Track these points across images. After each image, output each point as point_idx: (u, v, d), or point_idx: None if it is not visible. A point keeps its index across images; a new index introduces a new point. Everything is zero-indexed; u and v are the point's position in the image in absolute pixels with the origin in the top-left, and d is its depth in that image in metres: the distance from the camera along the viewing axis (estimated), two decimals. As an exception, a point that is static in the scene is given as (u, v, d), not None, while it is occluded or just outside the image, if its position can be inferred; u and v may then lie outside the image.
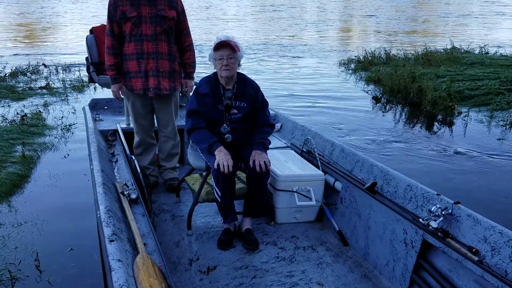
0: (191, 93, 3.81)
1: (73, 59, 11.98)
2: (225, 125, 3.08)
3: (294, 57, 13.35)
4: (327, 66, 11.87)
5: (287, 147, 4.05)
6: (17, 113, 6.83)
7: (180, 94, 3.91)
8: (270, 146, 3.22)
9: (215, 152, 2.91)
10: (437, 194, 2.52)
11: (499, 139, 6.07)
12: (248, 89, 3.13)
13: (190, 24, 3.73)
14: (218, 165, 2.84)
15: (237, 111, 3.09)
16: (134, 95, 3.60)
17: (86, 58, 4.48)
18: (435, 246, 2.39)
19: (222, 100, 3.08)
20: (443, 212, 2.37)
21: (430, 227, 2.37)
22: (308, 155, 3.70)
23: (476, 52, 11.82)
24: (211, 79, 3.12)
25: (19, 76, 9.88)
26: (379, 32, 19.54)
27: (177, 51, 3.61)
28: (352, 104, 7.99)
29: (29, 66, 10.56)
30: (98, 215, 2.38)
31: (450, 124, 6.77)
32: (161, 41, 3.46)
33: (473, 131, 6.44)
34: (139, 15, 3.38)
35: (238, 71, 3.13)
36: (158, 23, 3.41)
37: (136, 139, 3.84)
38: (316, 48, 14.93)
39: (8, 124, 6.27)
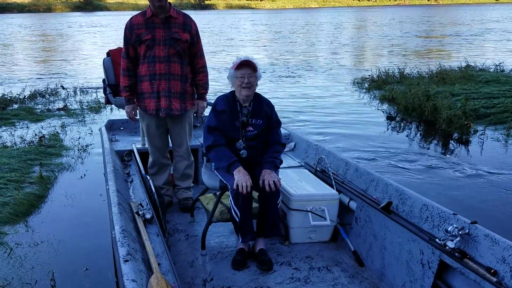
0: (203, 114, 3.86)
1: (90, 81, 12.22)
2: (240, 141, 3.10)
3: (308, 76, 13.42)
4: (341, 85, 11.89)
5: (301, 166, 4.05)
6: (35, 134, 6.96)
7: (194, 115, 3.96)
8: (284, 165, 3.22)
9: (234, 172, 2.92)
10: (454, 214, 2.48)
11: (517, 158, 5.98)
12: (264, 107, 3.17)
13: (205, 47, 3.80)
14: (237, 185, 2.85)
15: (253, 128, 3.13)
16: (148, 115, 3.66)
17: (103, 80, 4.57)
18: (453, 266, 2.35)
19: (239, 117, 3.11)
20: (460, 232, 2.33)
21: (447, 247, 2.33)
22: (322, 174, 3.69)
23: (491, 70, 11.74)
24: (228, 97, 3.16)
25: (38, 98, 10.10)
26: (392, 51, 19.56)
27: (190, 72, 3.67)
28: (366, 122, 7.97)
29: (47, 88, 10.80)
30: (113, 235, 2.39)
31: (466, 143, 6.70)
32: (174, 62, 3.52)
33: (490, 149, 6.36)
34: (153, 38, 3.46)
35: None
36: (171, 45, 3.48)
37: (150, 159, 3.88)
38: (329, 67, 14.99)
39: (26, 145, 6.39)
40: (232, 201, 2.95)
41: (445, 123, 7.32)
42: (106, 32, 32.31)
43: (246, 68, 3.04)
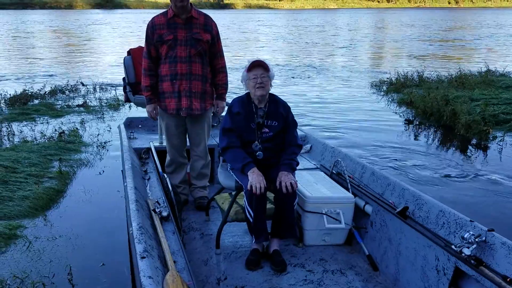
0: (222, 114, 3.89)
1: (110, 79, 12.36)
2: (256, 142, 3.13)
3: (325, 78, 13.38)
4: (358, 87, 11.83)
5: (317, 168, 4.05)
6: (55, 130, 7.09)
7: (212, 115, 3.99)
8: (300, 167, 3.22)
9: (248, 173, 2.95)
10: (471, 221, 2.47)
11: (537, 165, 5.88)
12: (280, 109, 3.19)
13: (224, 47, 3.84)
14: (251, 186, 2.88)
15: (269, 130, 3.15)
16: (168, 115, 3.71)
17: (123, 78, 4.64)
18: (468, 274, 2.33)
19: (255, 118, 3.13)
20: (477, 239, 2.32)
21: (463, 254, 2.32)
22: (338, 177, 3.68)
23: (513, 75, 11.57)
24: (243, 99, 3.19)
25: (58, 94, 10.27)
26: (411, 54, 19.38)
27: (210, 72, 3.71)
28: (384, 126, 7.92)
29: (67, 85, 10.96)
30: (131, 232, 2.43)
31: (485, 149, 6.61)
32: (195, 62, 3.56)
33: (509, 156, 6.26)
34: (175, 38, 3.50)
35: (269, 92, 3.19)
36: (193, 45, 3.52)
37: (168, 158, 3.93)
38: (347, 70, 14.92)
39: (46, 140, 6.51)
40: (246, 201, 2.98)
41: (463, 128, 7.23)
42: (126, 29, 32.63)
43: (258, 69, 3.08)
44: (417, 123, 8.15)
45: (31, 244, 3.73)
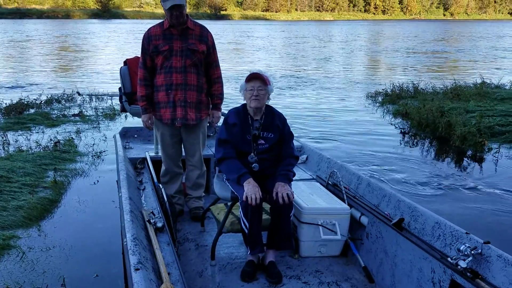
0: (217, 124, 3.90)
1: (106, 89, 12.35)
2: (252, 154, 3.12)
3: (320, 89, 13.42)
4: (354, 98, 11.87)
5: (313, 179, 4.05)
6: (51, 139, 7.05)
7: (208, 124, 4.00)
8: (295, 177, 3.22)
9: (244, 184, 2.95)
10: (466, 233, 2.47)
11: (532, 177, 5.89)
12: (275, 121, 3.19)
13: (220, 58, 3.85)
14: (247, 196, 2.87)
15: (265, 141, 3.15)
16: (163, 125, 3.71)
17: (119, 88, 4.64)
18: (464, 286, 2.32)
19: (250, 130, 3.14)
20: (473, 252, 2.32)
21: (459, 266, 2.32)
22: (334, 188, 3.68)
23: (507, 87, 11.64)
24: (239, 110, 3.20)
25: (54, 104, 10.23)
26: (407, 66, 19.51)
27: (206, 82, 3.72)
28: (379, 137, 7.94)
29: (63, 94, 10.94)
30: (125, 243, 2.41)
31: (480, 161, 6.63)
32: (190, 73, 3.58)
33: (504, 167, 6.28)
34: (170, 49, 3.52)
35: (266, 103, 3.20)
36: (188, 56, 3.54)
37: (163, 168, 3.92)
38: (343, 81, 14.99)
39: (41, 150, 6.47)
40: (241, 212, 2.97)
41: (459, 140, 7.26)
42: (122, 40, 32.74)
43: (255, 81, 3.09)
44: (412, 134, 8.17)
45: (25, 255, 3.70)
